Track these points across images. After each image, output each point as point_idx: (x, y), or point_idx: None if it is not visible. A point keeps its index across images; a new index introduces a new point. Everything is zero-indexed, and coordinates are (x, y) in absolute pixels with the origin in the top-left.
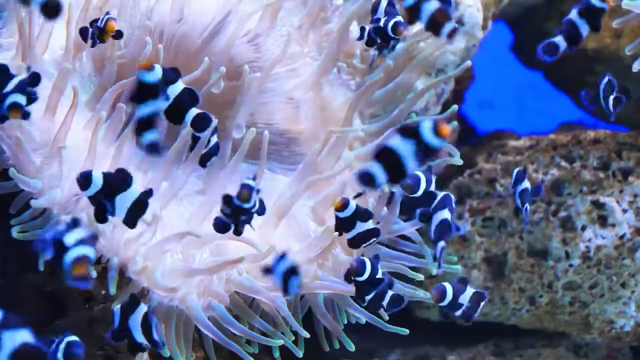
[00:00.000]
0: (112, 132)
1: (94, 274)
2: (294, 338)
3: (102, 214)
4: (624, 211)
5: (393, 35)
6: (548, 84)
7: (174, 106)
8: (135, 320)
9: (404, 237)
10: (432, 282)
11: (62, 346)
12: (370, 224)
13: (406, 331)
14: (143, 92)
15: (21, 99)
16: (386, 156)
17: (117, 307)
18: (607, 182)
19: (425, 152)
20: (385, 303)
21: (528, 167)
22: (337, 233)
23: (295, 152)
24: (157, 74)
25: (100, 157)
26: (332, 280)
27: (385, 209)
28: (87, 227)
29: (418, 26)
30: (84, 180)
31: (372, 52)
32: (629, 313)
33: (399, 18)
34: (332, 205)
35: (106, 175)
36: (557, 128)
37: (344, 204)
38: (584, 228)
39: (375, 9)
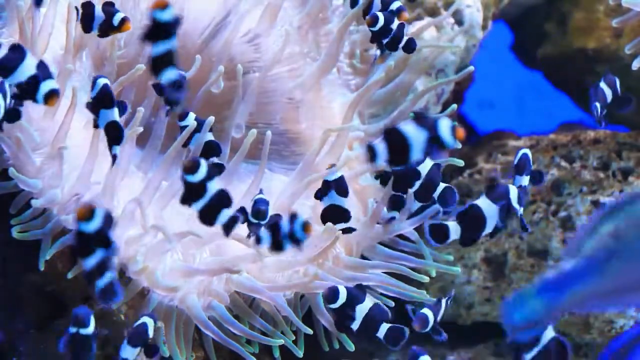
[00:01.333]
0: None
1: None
2: (294, 338)
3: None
4: None
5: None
6: (548, 84)
7: None
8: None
9: (402, 237)
10: (431, 282)
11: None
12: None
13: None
14: (157, 31)
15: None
16: (394, 138)
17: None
18: (607, 182)
19: (435, 147)
20: (382, 335)
21: None
22: (339, 232)
23: (295, 152)
24: (170, 13)
25: (100, 156)
26: (332, 280)
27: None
28: None
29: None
30: None
31: (373, 52)
32: (629, 313)
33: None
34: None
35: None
36: (557, 128)
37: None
38: None
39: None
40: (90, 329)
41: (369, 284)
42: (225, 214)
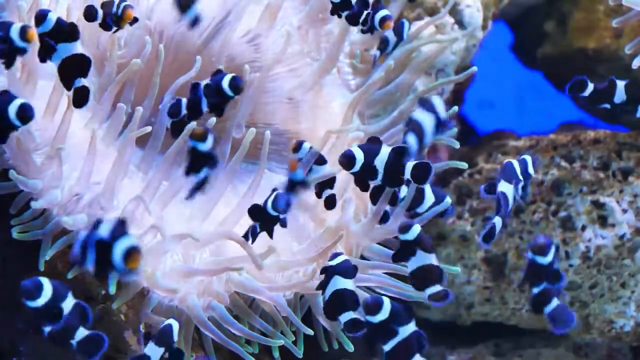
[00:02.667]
0: (112, 132)
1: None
2: (294, 338)
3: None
4: (624, 211)
5: (379, 29)
6: (548, 84)
7: None
8: None
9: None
10: None
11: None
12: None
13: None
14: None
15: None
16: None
17: None
18: (607, 182)
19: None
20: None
21: None
22: (343, 232)
23: None
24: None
25: (100, 156)
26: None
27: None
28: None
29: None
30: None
31: (373, 52)
32: (629, 313)
33: (386, 12)
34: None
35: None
36: (557, 128)
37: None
38: (584, 228)
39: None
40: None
41: (369, 284)
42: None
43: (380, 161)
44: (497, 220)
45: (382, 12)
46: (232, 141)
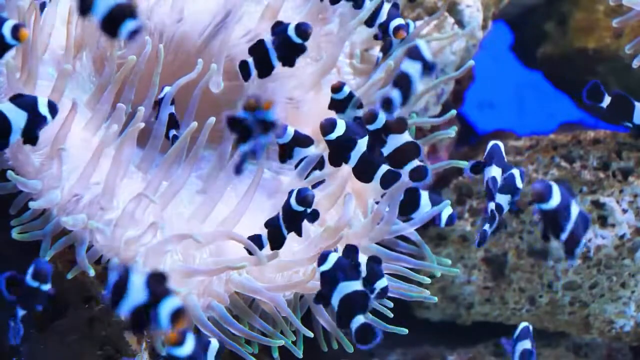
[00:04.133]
0: (112, 134)
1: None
2: (294, 338)
3: None
4: (624, 211)
5: (392, 37)
6: (548, 84)
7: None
8: None
9: (403, 239)
10: (431, 282)
11: None
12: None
13: (405, 331)
14: None
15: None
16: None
17: None
18: (607, 182)
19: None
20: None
21: (528, 167)
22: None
23: None
24: None
25: (100, 157)
26: None
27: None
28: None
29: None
30: None
31: (376, 53)
32: (629, 313)
33: (401, 20)
34: (332, 203)
35: None
36: (557, 128)
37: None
38: None
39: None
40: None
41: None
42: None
43: (362, 143)
44: (491, 205)
45: (397, 21)
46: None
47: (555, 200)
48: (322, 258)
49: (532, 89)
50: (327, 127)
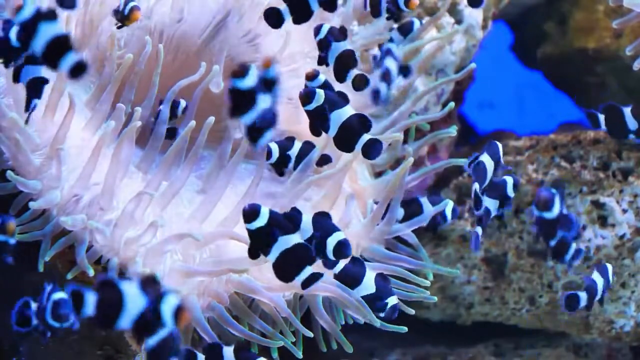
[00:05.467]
0: (111, 132)
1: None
2: (294, 339)
3: None
4: (624, 211)
5: (405, 9)
6: (548, 84)
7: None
8: None
9: (400, 240)
10: (431, 283)
11: None
12: None
13: (405, 329)
14: None
15: None
16: None
17: None
18: (607, 182)
19: None
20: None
21: (528, 167)
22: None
23: None
24: None
25: (100, 157)
26: (331, 281)
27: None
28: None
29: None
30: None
31: (372, 52)
32: (629, 313)
33: None
34: (331, 203)
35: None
36: (557, 128)
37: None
38: (584, 228)
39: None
40: None
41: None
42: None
43: (339, 115)
44: (476, 186)
45: None
46: (232, 142)
47: (556, 210)
48: (252, 214)
49: (532, 89)
50: (306, 97)
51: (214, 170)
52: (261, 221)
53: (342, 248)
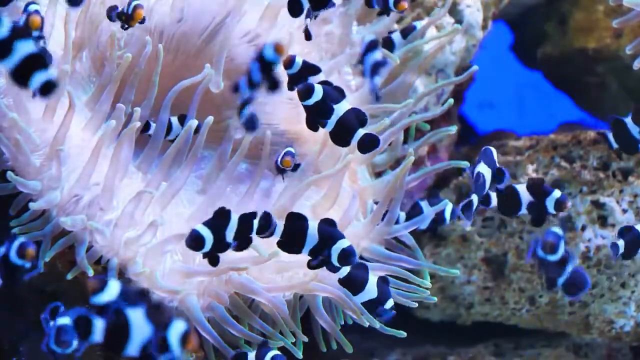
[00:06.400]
0: (111, 132)
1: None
2: (294, 340)
3: None
4: (624, 211)
5: (394, 9)
6: (548, 84)
7: None
8: None
9: (398, 241)
10: (431, 282)
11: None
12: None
13: (403, 334)
14: None
15: None
16: None
17: None
18: (607, 182)
19: None
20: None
21: (528, 167)
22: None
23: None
24: None
25: (100, 158)
26: (331, 282)
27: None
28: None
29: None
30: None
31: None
32: (629, 313)
33: None
34: (331, 203)
35: None
36: (557, 128)
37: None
38: (584, 228)
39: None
40: None
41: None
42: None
43: (335, 109)
44: (474, 198)
45: None
46: (232, 142)
47: (560, 252)
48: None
49: (532, 89)
50: (304, 92)
51: (214, 170)
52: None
53: (348, 256)
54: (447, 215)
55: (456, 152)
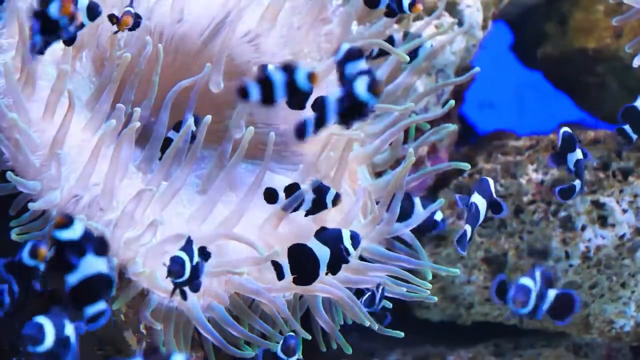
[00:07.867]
0: (111, 132)
1: None
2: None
3: None
4: (624, 211)
5: (408, 11)
6: (548, 84)
7: None
8: None
9: (399, 240)
10: (431, 282)
11: None
12: None
13: (401, 334)
14: None
15: None
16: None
17: None
18: (607, 182)
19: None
20: None
21: (528, 167)
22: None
23: (295, 152)
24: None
25: (100, 158)
26: (331, 282)
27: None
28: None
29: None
30: None
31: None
32: (629, 313)
33: None
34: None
35: None
36: (557, 128)
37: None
38: (584, 228)
39: None
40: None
41: (368, 286)
42: None
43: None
44: (468, 228)
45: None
46: (232, 142)
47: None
48: None
49: (532, 89)
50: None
51: (214, 170)
52: None
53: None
54: (439, 218)
55: (456, 152)
